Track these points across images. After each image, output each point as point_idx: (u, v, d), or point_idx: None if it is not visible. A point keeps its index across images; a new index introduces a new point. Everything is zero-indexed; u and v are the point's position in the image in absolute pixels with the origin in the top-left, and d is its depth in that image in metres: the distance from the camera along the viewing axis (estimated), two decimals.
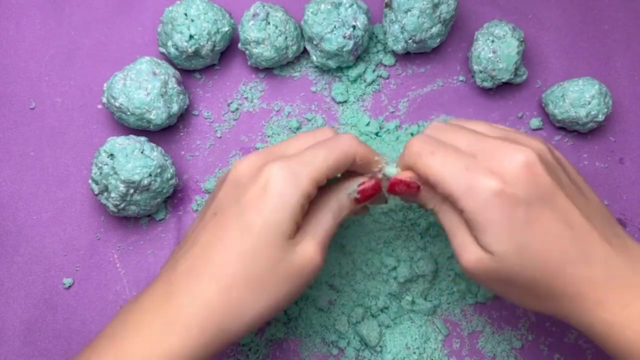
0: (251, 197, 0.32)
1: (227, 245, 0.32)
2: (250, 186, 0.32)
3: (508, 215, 0.31)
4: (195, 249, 0.33)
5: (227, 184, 0.34)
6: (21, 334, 0.45)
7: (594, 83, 0.46)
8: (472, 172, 0.32)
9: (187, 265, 0.33)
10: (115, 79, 0.45)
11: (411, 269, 0.44)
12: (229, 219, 0.32)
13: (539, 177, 0.31)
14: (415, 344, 0.44)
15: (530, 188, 0.31)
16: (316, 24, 0.46)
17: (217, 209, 0.33)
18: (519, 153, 0.32)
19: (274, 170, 0.32)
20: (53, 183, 0.48)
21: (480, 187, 0.31)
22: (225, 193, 0.34)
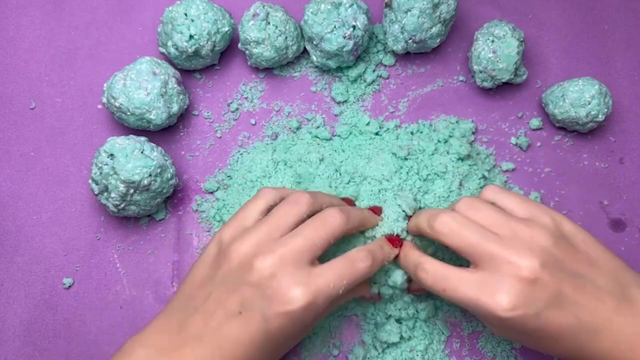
0: (276, 317, 0.35)
1: (253, 346, 0.36)
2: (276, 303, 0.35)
3: (519, 327, 0.35)
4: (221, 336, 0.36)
5: (250, 287, 0.36)
6: (21, 334, 0.45)
7: (594, 83, 0.46)
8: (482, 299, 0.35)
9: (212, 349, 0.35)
10: (115, 79, 0.45)
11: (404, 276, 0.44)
12: (255, 328, 0.36)
13: (544, 287, 0.34)
14: (417, 346, 0.44)
15: (537, 301, 0.34)
16: (316, 24, 0.46)
17: (243, 308, 0.36)
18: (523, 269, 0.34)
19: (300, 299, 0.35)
20: (53, 183, 0.48)
21: (492, 314, 0.35)
22: (251, 295, 0.36)
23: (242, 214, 0.40)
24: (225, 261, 0.37)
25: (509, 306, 0.34)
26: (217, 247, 0.39)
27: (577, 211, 0.47)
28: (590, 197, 0.47)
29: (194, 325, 0.36)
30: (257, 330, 0.36)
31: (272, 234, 0.38)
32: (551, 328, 0.35)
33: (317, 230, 0.38)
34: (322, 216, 0.38)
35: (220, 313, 0.36)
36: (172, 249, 0.46)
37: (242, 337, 0.36)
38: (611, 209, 0.47)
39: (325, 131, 0.48)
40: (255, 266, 0.36)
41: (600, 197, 0.47)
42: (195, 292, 0.38)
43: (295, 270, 0.36)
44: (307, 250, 0.37)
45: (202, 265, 0.39)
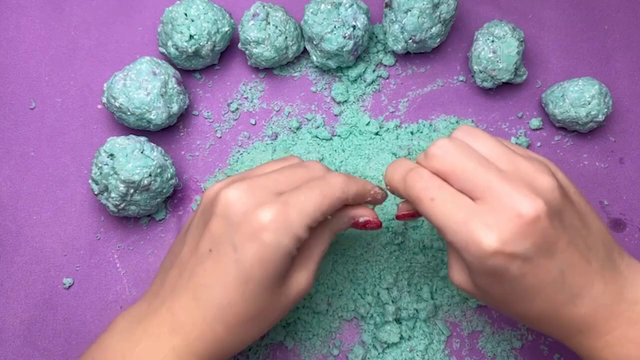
0: (248, 243, 0.32)
1: (229, 288, 0.33)
2: (245, 228, 0.33)
3: (502, 271, 0.31)
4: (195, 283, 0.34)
5: (218, 218, 0.33)
6: (21, 334, 0.45)
7: (594, 83, 0.46)
8: (470, 225, 0.31)
9: (187, 301, 0.34)
10: (115, 79, 0.45)
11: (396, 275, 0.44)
12: (227, 261, 0.33)
13: (541, 232, 0.31)
14: (417, 346, 0.44)
15: (530, 244, 0.31)
16: (316, 24, 0.46)
17: (212, 244, 0.33)
18: (525, 207, 0.30)
19: (269, 217, 0.32)
20: (53, 183, 0.48)
21: (477, 244, 0.31)
22: (219, 229, 0.33)
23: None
24: (200, 206, 0.36)
25: (500, 240, 0.30)
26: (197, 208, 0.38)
27: None
28: (590, 197, 0.47)
29: (169, 280, 0.35)
30: (229, 265, 0.33)
31: (248, 174, 0.36)
32: (534, 279, 0.31)
33: (297, 172, 0.36)
34: (306, 164, 0.37)
35: (193, 259, 0.34)
36: None
37: (214, 278, 0.33)
38: (611, 209, 0.47)
39: (325, 131, 0.48)
40: (221, 196, 0.33)
41: (600, 197, 0.47)
42: (175, 247, 0.37)
43: (265, 194, 0.34)
44: (281, 182, 0.35)
45: (184, 227, 0.38)
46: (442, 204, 0.32)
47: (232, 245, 0.33)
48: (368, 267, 0.45)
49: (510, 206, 0.30)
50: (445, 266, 0.45)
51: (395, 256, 0.45)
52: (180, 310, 0.33)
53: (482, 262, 0.31)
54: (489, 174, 0.32)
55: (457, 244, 0.32)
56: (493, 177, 0.31)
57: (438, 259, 0.45)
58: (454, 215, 0.32)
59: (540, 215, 0.30)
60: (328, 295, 0.44)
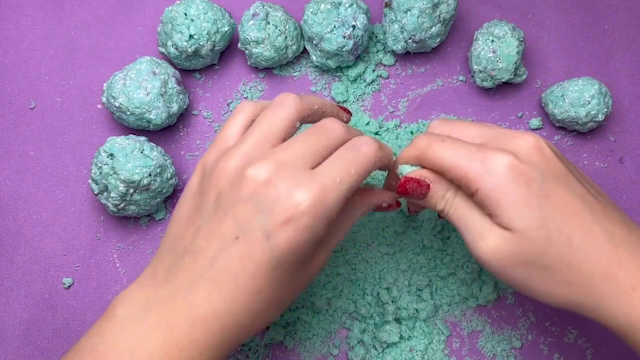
0: (282, 229, 0.30)
1: (259, 276, 0.31)
2: (279, 214, 0.30)
3: (525, 189, 0.31)
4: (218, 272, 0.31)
5: (247, 202, 0.31)
6: (21, 334, 0.45)
7: (594, 83, 0.46)
8: (485, 151, 0.32)
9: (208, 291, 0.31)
10: (115, 79, 0.45)
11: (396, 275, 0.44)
12: (258, 249, 0.30)
13: (550, 159, 0.32)
14: (417, 346, 0.44)
15: (543, 166, 0.32)
16: (316, 24, 0.46)
17: (239, 231, 0.31)
18: (528, 136, 0.33)
19: (307, 202, 0.30)
20: (53, 183, 0.48)
21: (495, 163, 0.31)
22: (247, 214, 0.30)
23: (221, 135, 0.35)
24: (212, 185, 0.32)
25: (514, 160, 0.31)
26: (201, 174, 0.34)
27: None
28: None
29: (183, 269, 0.32)
30: (261, 253, 0.30)
31: (262, 144, 0.32)
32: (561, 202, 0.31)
33: (318, 136, 0.33)
34: (321, 124, 0.34)
35: (214, 245, 0.31)
36: None
37: (243, 266, 0.30)
38: None
39: None
40: (248, 176, 0.31)
41: None
42: (183, 231, 0.33)
43: (295, 173, 0.31)
44: (308, 155, 0.32)
45: (187, 198, 0.34)
46: (452, 142, 0.33)
47: (264, 232, 0.30)
48: (368, 267, 0.45)
49: (516, 137, 0.33)
50: (446, 266, 0.45)
51: (395, 256, 0.45)
52: (200, 301, 0.31)
53: (503, 180, 0.31)
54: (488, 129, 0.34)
55: (472, 172, 0.32)
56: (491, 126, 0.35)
57: (438, 259, 0.45)
58: (465, 147, 0.33)
59: (544, 145, 0.32)
60: (328, 295, 0.44)
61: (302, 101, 0.34)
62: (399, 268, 0.44)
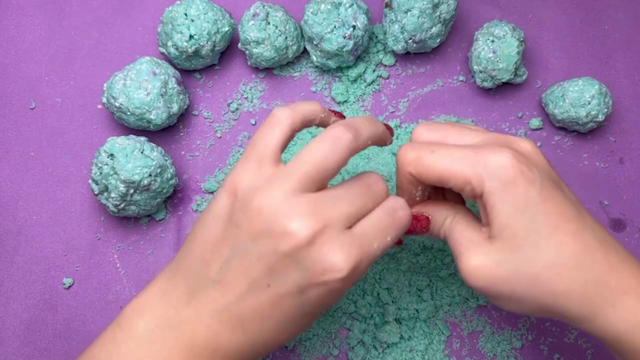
0: (316, 288, 0.30)
1: (284, 324, 0.32)
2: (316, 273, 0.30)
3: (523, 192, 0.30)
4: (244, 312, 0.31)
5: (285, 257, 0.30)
6: (21, 334, 0.45)
7: (594, 83, 0.46)
8: (482, 154, 0.31)
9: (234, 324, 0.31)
10: (115, 79, 0.45)
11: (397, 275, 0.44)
12: (289, 301, 0.31)
13: (545, 163, 0.33)
14: (417, 346, 0.44)
15: (540, 168, 0.32)
16: (316, 24, 0.46)
17: (272, 281, 0.30)
18: (522, 140, 0.33)
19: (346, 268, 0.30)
20: (53, 183, 0.48)
21: (495, 163, 0.31)
22: (283, 267, 0.30)
23: (255, 148, 0.33)
24: (247, 220, 0.31)
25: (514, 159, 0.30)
26: (232, 198, 0.32)
27: None
28: (590, 197, 0.47)
29: (208, 297, 0.31)
30: (291, 304, 0.31)
31: (305, 182, 0.31)
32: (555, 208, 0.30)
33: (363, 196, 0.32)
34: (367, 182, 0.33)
35: (243, 285, 0.31)
36: (172, 249, 0.46)
37: (272, 312, 0.31)
38: (611, 209, 0.47)
39: None
40: (290, 230, 0.30)
41: (600, 197, 0.47)
42: (208, 255, 0.32)
43: (338, 234, 0.30)
44: (351, 215, 0.31)
45: (215, 220, 0.32)
46: (444, 150, 0.32)
47: (297, 287, 0.30)
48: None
49: (512, 140, 0.33)
50: (446, 266, 0.45)
51: (395, 256, 0.45)
52: (223, 333, 0.31)
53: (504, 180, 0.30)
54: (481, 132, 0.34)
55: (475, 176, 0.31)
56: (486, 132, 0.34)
57: (438, 259, 0.45)
58: (460, 152, 0.32)
59: (537, 149, 0.33)
60: None
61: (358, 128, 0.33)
62: (399, 268, 0.44)
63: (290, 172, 0.31)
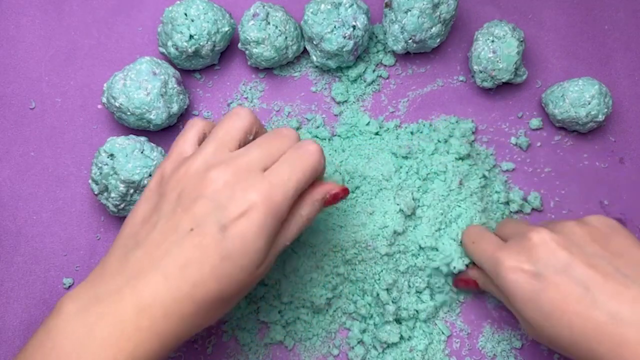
0: (235, 222, 0.33)
1: (206, 268, 0.32)
2: (233, 208, 0.33)
3: (525, 286, 0.36)
4: (168, 263, 0.32)
5: (206, 199, 0.33)
6: (21, 334, 0.45)
7: (594, 83, 0.46)
8: (496, 255, 0.38)
9: (156, 281, 0.32)
10: (115, 79, 0.45)
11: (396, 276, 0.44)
12: (210, 240, 0.32)
13: (550, 252, 0.36)
14: (417, 346, 0.44)
15: (542, 261, 0.36)
16: (316, 24, 0.46)
17: (195, 224, 0.32)
18: (533, 233, 0.37)
19: (257, 199, 0.33)
20: (53, 183, 0.48)
21: (501, 266, 0.37)
22: (204, 209, 0.33)
23: (176, 147, 0.37)
24: (171, 186, 0.34)
25: (516, 260, 0.37)
26: (159, 179, 0.36)
27: (577, 211, 0.47)
28: (590, 197, 0.47)
29: (134, 261, 0.32)
30: (212, 243, 0.32)
31: (221, 149, 0.35)
32: (557, 294, 0.35)
33: (272, 141, 0.36)
34: (277, 130, 0.37)
35: (169, 238, 0.32)
36: None
37: (193, 255, 0.32)
38: (611, 209, 0.47)
39: (325, 131, 0.48)
40: (209, 177, 0.33)
41: (600, 197, 0.47)
42: (137, 229, 0.34)
43: (249, 175, 0.34)
44: (262, 158, 0.35)
45: (143, 200, 0.36)
46: (478, 244, 0.41)
47: (218, 224, 0.32)
48: (368, 267, 0.45)
49: (525, 236, 0.38)
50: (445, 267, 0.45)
51: (394, 257, 0.45)
52: (147, 290, 0.31)
53: (508, 281, 0.37)
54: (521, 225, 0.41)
55: (491, 272, 0.39)
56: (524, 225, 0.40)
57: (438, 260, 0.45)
58: (485, 250, 0.40)
59: (546, 240, 0.37)
60: (328, 295, 0.44)
61: (255, 116, 0.38)
62: (398, 269, 0.44)
63: (206, 144, 0.36)
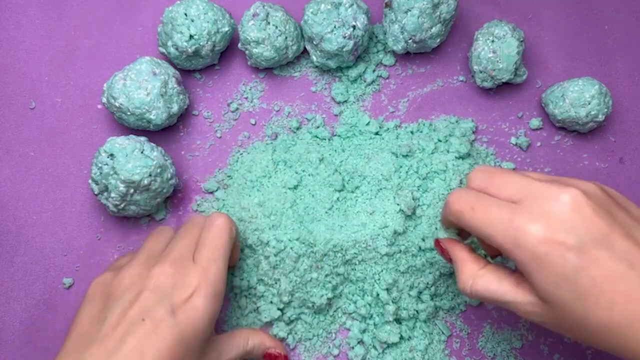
0: (182, 307, 0.36)
1: (164, 352, 0.34)
2: (179, 295, 0.36)
3: (559, 262, 0.30)
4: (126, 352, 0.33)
5: (149, 292, 0.36)
6: (21, 334, 0.45)
7: (594, 83, 0.46)
8: (516, 221, 0.31)
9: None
10: (115, 79, 0.45)
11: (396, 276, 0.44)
12: (163, 326, 0.35)
13: (588, 219, 0.30)
14: (417, 346, 0.44)
15: (580, 231, 0.30)
16: (316, 24, 0.46)
17: (145, 314, 0.35)
18: (564, 194, 0.31)
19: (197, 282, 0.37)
20: (53, 183, 0.48)
21: (526, 236, 0.30)
22: (150, 300, 0.36)
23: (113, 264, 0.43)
24: (114, 287, 0.37)
25: (547, 228, 0.30)
26: (101, 286, 0.39)
27: None
28: None
29: (90, 356, 0.33)
30: (166, 328, 0.34)
31: (152, 255, 0.40)
32: (599, 272, 0.29)
33: (190, 230, 0.41)
34: (189, 220, 0.43)
35: (121, 330, 0.34)
36: None
37: (149, 343, 0.34)
38: None
39: (325, 131, 0.48)
40: (151, 273, 0.37)
41: None
42: (86, 328, 0.36)
43: (183, 265, 0.38)
44: (188, 247, 0.39)
45: (87, 304, 0.38)
46: (483, 210, 0.33)
47: (167, 311, 0.35)
48: (368, 267, 0.45)
49: (551, 197, 0.31)
50: (445, 267, 0.45)
51: (395, 257, 0.45)
52: None
53: (536, 254, 0.30)
54: (526, 178, 0.33)
55: (507, 244, 0.31)
56: (530, 180, 0.32)
57: (439, 260, 0.45)
58: (498, 216, 0.32)
59: (582, 203, 0.30)
60: (328, 295, 0.44)
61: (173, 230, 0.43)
62: (398, 269, 0.44)
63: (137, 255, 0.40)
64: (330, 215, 0.45)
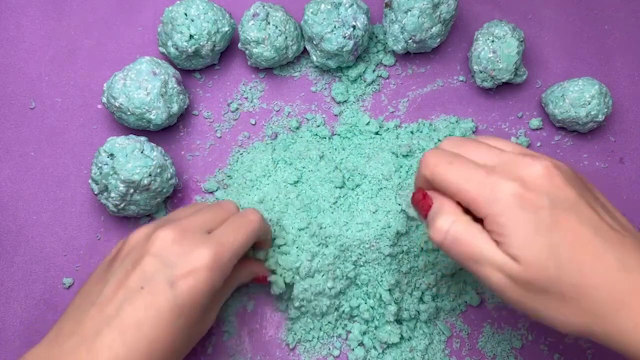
0: (184, 280, 0.34)
1: (161, 323, 0.34)
2: (180, 266, 0.35)
3: (533, 217, 0.30)
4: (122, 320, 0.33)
5: (153, 257, 0.35)
6: (21, 334, 0.45)
7: (594, 83, 0.46)
8: (492, 177, 0.32)
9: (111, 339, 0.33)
10: (115, 79, 0.45)
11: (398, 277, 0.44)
12: (161, 298, 0.34)
13: (558, 187, 0.31)
14: (417, 346, 0.44)
15: (552, 193, 0.31)
16: (316, 24, 0.46)
17: (144, 282, 0.34)
18: (537, 162, 0.32)
19: (207, 258, 0.35)
20: (53, 183, 0.48)
21: (502, 189, 0.31)
22: (152, 267, 0.35)
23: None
24: (122, 249, 0.37)
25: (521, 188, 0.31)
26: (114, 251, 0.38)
27: None
28: None
29: (88, 319, 0.33)
30: (164, 300, 0.34)
31: (171, 219, 0.39)
32: (569, 232, 0.30)
33: (214, 210, 0.39)
34: (218, 203, 0.41)
35: (120, 295, 0.34)
36: None
37: (147, 314, 0.33)
38: None
39: (325, 130, 0.48)
40: (155, 236, 0.36)
41: None
42: (91, 288, 0.36)
43: (195, 235, 0.36)
44: (206, 222, 0.38)
45: (101, 266, 0.38)
46: (460, 165, 0.33)
47: (167, 281, 0.34)
48: (371, 269, 0.45)
49: (525, 165, 0.32)
50: (447, 268, 0.45)
51: (397, 257, 0.45)
52: (103, 348, 0.32)
53: (511, 207, 0.31)
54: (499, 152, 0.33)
55: (480, 197, 0.31)
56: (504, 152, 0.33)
57: (440, 260, 0.45)
58: (473, 171, 0.32)
59: (553, 172, 0.31)
60: (328, 296, 0.44)
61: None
62: (400, 270, 0.44)
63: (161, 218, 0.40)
64: (335, 209, 0.45)
